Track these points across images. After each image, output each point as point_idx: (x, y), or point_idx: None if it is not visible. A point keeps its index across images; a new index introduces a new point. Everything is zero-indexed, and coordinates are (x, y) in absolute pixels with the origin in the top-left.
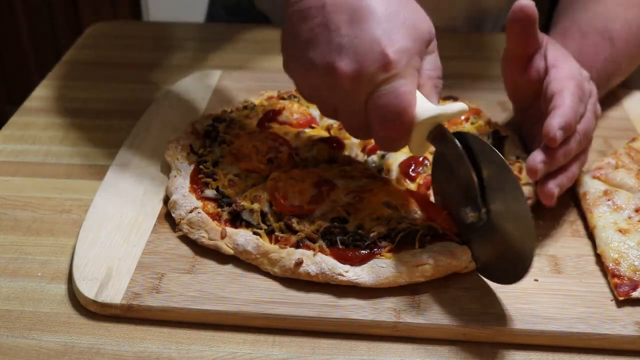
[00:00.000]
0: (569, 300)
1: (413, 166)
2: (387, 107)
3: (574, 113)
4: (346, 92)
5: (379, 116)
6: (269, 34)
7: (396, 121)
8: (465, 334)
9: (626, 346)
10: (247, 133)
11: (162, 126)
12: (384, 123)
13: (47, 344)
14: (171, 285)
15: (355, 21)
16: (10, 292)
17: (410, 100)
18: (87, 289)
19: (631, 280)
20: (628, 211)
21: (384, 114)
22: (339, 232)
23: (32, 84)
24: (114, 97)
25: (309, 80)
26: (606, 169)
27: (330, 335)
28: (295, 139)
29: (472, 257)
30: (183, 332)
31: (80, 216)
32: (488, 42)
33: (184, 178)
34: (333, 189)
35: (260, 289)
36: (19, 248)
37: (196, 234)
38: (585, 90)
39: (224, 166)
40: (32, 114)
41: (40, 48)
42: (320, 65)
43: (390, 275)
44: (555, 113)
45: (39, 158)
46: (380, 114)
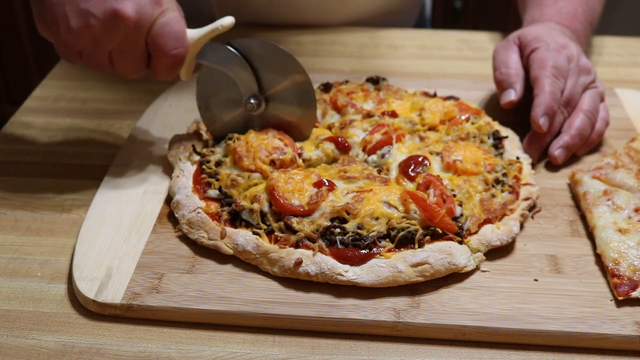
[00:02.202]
0: (569, 300)
1: (412, 166)
2: (169, 35)
3: (553, 95)
4: (128, 34)
5: (162, 46)
6: (269, 34)
7: (178, 47)
8: (465, 334)
9: (626, 346)
10: (252, 132)
11: (162, 126)
12: (167, 51)
13: (47, 344)
14: (171, 285)
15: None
16: (10, 292)
17: (184, 26)
18: (87, 289)
19: (631, 280)
20: (628, 211)
21: (165, 43)
22: (339, 232)
23: (32, 84)
24: (114, 97)
25: (87, 32)
26: (606, 169)
27: (330, 335)
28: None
29: None
30: (183, 332)
31: (80, 216)
32: (488, 42)
33: (186, 178)
34: (333, 188)
35: (260, 289)
36: (19, 248)
37: (196, 234)
38: (560, 66)
39: (226, 166)
40: (32, 114)
41: (40, 48)
42: (100, 14)
43: (389, 275)
44: (536, 101)
45: (39, 158)
46: (162, 44)
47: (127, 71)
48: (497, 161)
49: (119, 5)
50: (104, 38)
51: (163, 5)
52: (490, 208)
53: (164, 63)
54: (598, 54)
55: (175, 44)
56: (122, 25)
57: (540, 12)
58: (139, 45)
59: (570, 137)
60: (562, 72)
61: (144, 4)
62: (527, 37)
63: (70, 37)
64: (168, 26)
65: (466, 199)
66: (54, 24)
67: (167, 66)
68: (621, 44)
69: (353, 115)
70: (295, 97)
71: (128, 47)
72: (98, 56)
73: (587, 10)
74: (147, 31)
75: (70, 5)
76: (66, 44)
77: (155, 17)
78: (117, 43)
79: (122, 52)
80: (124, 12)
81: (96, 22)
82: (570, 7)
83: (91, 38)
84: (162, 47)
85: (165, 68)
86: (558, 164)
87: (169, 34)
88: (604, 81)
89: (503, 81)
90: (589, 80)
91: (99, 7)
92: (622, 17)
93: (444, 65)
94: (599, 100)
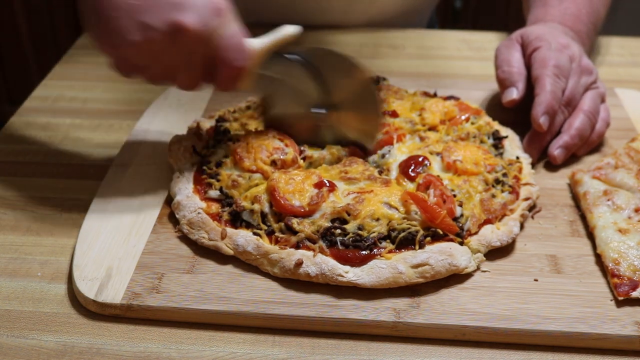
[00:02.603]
0: (569, 300)
1: (413, 166)
2: (232, 47)
3: (554, 94)
4: (190, 46)
5: (225, 58)
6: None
7: (241, 59)
8: (465, 334)
9: (626, 346)
10: (254, 132)
11: (162, 126)
12: (231, 63)
13: (47, 344)
14: (171, 285)
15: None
16: (10, 292)
17: (244, 38)
18: (87, 289)
19: (631, 280)
20: (628, 211)
21: (229, 55)
22: (339, 233)
23: (32, 84)
24: (114, 97)
25: (148, 46)
26: (606, 169)
27: (330, 335)
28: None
29: None
30: (183, 332)
31: (80, 216)
32: (488, 42)
33: (187, 179)
34: (333, 189)
35: (260, 289)
36: (19, 248)
37: (196, 235)
38: (562, 66)
39: (227, 167)
40: (32, 114)
41: (40, 48)
42: (161, 26)
43: (390, 276)
44: (537, 100)
45: (39, 158)
46: (226, 56)
47: (187, 84)
48: (497, 161)
49: (180, 17)
50: (164, 51)
51: (225, 15)
52: (490, 208)
53: (227, 76)
54: (598, 54)
55: (238, 56)
56: (184, 38)
57: (545, 12)
58: (200, 57)
59: (570, 137)
60: (563, 71)
61: (206, 15)
62: (529, 36)
63: (129, 51)
64: (231, 37)
65: (466, 199)
66: (112, 38)
67: (230, 79)
68: (621, 44)
69: None
70: (360, 102)
71: (189, 60)
72: (157, 70)
73: (590, 12)
74: (209, 43)
75: (130, 19)
76: (124, 59)
77: (217, 28)
78: (178, 56)
79: (183, 65)
80: (185, 24)
81: (157, 35)
82: (574, 9)
83: (151, 52)
84: (226, 59)
85: (228, 81)
86: (557, 163)
87: (232, 46)
88: (605, 81)
89: (505, 80)
90: (590, 81)
91: (159, 19)
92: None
93: (444, 65)
94: (600, 101)
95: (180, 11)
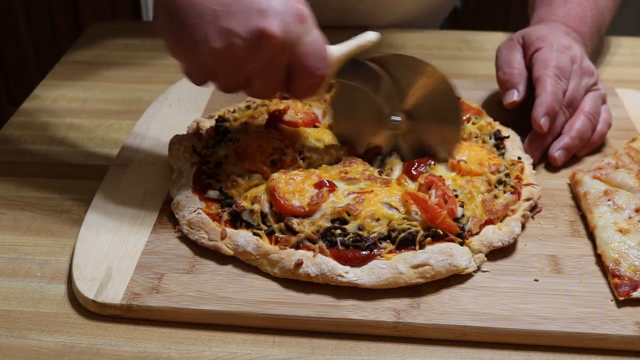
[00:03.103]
0: (569, 300)
1: (416, 164)
2: (313, 55)
3: (555, 95)
4: (273, 54)
5: (307, 66)
6: None
7: (323, 67)
8: (465, 334)
9: (626, 346)
10: (254, 132)
11: (162, 126)
12: (313, 71)
13: (47, 344)
14: (171, 285)
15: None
16: (10, 292)
17: (326, 45)
18: (86, 289)
19: (631, 280)
20: (628, 211)
21: (311, 63)
22: (339, 233)
23: (32, 84)
24: (114, 97)
25: (230, 53)
26: (606, 169)
27: (330, 335)
28: (304, 139)
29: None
30: (183, 332)
31: (80, 216)
32: (488, 42)
33: (186, 179)
34: (333, 189)
35: (260, 290)
36: (19, 248)
37: (196, 235)
38: (563, 67)
39: (227, 167)
40: (32, 114)
41: (40, 48)
42: (244, 33)
43: (390, 276)
44: (538, 101)
45: (39, 158)
46: (308, 64)
47: (264, 92)
48: (501, 161)
49: (265, 24)
50: (246, 58)
51: (307, 22)
52: (492, 209)
53: (308, 84)
54: (599, 54)
55: (320, 65)
56: (268, 45)
57: (549, 11)
58: (281, 65)
59: (571, 138)
60: (565, 73)
61: (290, 22)
62: (531, 37)
63: (210, 58)
64: (313, 45)
65: (468, 199)
66: (192, 45)
67: (309, 87)
68: (622, 44)
69: None
70: (438, 108)
71: (270, 68)
72: (235, 77)
73: (596, 15)
74: (291, 51)
75: (212, 25)
76: (201, 65)
77: (300, 36)
78: (259, 63)
79: (263, 72)
80: (270, 31)
81: (240, 42)
82: (579, 10)
83: (233, 59)
84: (308, 67)
85: (307, 89)
86: (557, 165)
87: (315, 54)
88: (605, 81)
89: (506, 81)
90: (592, 82)
91: (243, 26)
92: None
93: (444, 65)
94: (601, 103)
95: (264, 17)
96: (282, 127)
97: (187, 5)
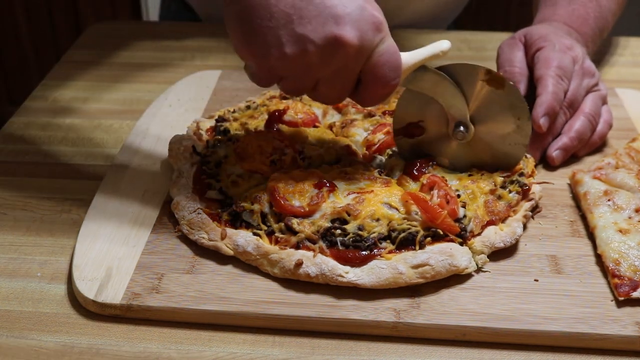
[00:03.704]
0: (569, 300)
1: (418, 165)
2: (386, 64)
3: (555, 95)
4: (346, 61)
5: (380, 76)
6: None
7: (396, 77)
8: (465, 334)
9: (626, 346)
10: (254, 132)
11: (162, 126)
12: (385, 81)
13: (47, 344)
14: (171, 285)
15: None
16: (10, 292)
17: (399, 54)
18: (86, 289)
19: (631, 281)
20: (628, 211)
21: (384, 73)
22: (339, 233)
23: (32, 84)
24: (114, 97)
25: (302, 58)
26: (606, 169)
27: (330, 335)
28: (304, 139)
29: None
30: (183, 332)
31: (80, 216)
32: (488, 42)
33: (187, 179)
34: (333, 189)
35: (260, 290)
36: (19, 248)
37: (196, 235)
38: (565, 67)
39: (227, 167)
40: (32, 114)
41: (40, 48)
42: (319, 40)
43: (390, 276)
44: (538, 101)
45: (39, 158)
46: (381, 74)
47: (331, 98)
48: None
49: (341, 31)
50: (318, 65)
51: (383, 31)
52: (494, 210)
53: (378, 94)
54: (599, 54)
55: (393, 75)
56: (342, 53)
57: (552, 11)
58: (353, 73)
59: (570, 139)
60: (566, 73)
61: (366, 30)
62: (533, 36)
63: (281, 63)
64: (387, 54)
65: (470, 200)
66: (263, 49)
67: (379, 97)
68: (622, 44)
69: (354, 115)
70: (505, 114)
71: (341, 75)
72: (303, 82)
73: (599, 17)
74: (366, 58)
75: (286, 30)
76: (271, 69)
77: (375, 44)
78: (331, 70)
79: (333, 79)
80: (345, 39)
81: (314, 49)
82: (583, 11)
83: (304, 64)
84: (381, 77)
85: (376, 98)
86: (555, 165)
87: (388, 63)
88: (605, 81)
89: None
90: (592, 83)
91: (318, 33)
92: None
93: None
94: (601, 103)
95: (340, 25)
96: (282, 127)
97: (259, 7)
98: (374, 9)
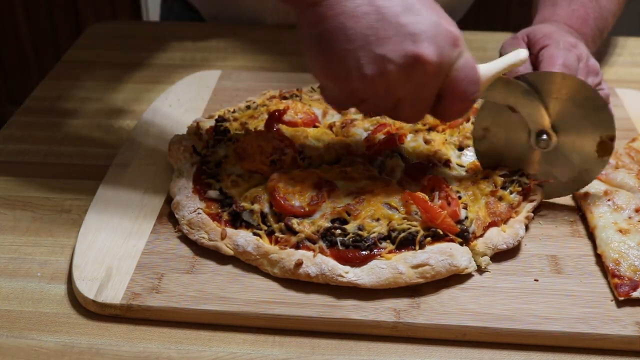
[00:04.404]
0: (569, 300)
1: (419, 165)
2: (466, 79)
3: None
4: (426, 79)
5: (460, 92)
6: (269, 34)
7: (475, 91)
8: (465, 334)
9: (626, 346)
10: (254, 132)
11: (162, 126)
12: (465, 97)
13: (47, 344)
14: (171, 285)
15: (409, 8)
16: (10, 292)
17: (477, 67)
18: (86, 289)
19: (631, 280)
20: (628, 211)
21: (464, 88)
22: (339, 233)
23: (32, 84)
24: (114, 97)
25: (382, 79)
26: (606, 169)
27: (330, 335)
28: (304, 139)
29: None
30: (183, 332)
31: (80, 216)
32: (488, 42)
33: (186, 179)
34: (333, 189)
35: (260, 290)
36: (19, 248)
37: (196, 235)
38: (570, 65)
39: (227, 167)
40: (32, 114)
41: (40, 48)
42: (398, 59)
43: (390, 276)
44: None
45: (39, 158)
46: (461, 89)
47: (411, 117)
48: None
49: (420, 49)
50: (398, 84)
51: (460, 45)
52: (496, 211)
53: (458, 109)
54: (599, 54)
55: (473, 89)
56: (421, 70)
57: (552, 12)
58: (433, 90)
59: None
60: (571, 71)
61: (444, 46)
62: (536, 35)
63: (361, 85)
64: (466, 69)
65: (471, 201)
66: (345, 72)
67: (459, 111)
68: (622, 44)
69: (354, 115)
70: (587, 123)
71: (421, 93)
72: (384, 103)
73: (599, 18)
74: (445, 75)
75: (365, 51)
76: (351, 92)
77: (454, 60)
78: (410, 88)
79: (413, 98)
80: (425, 57)
81: (394, 68)
82: (583, 11)
83: (385, 85)
84: (460, 92)
85: (457, 113)
86: None
87: (467, 78)
88: (605, 81)
89: None
90: (596, 82)
91: (396, 52)
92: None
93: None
94: None
95: (418, 42)
96: (282, 127)
97: (337, 31)
98: (449, 24)
